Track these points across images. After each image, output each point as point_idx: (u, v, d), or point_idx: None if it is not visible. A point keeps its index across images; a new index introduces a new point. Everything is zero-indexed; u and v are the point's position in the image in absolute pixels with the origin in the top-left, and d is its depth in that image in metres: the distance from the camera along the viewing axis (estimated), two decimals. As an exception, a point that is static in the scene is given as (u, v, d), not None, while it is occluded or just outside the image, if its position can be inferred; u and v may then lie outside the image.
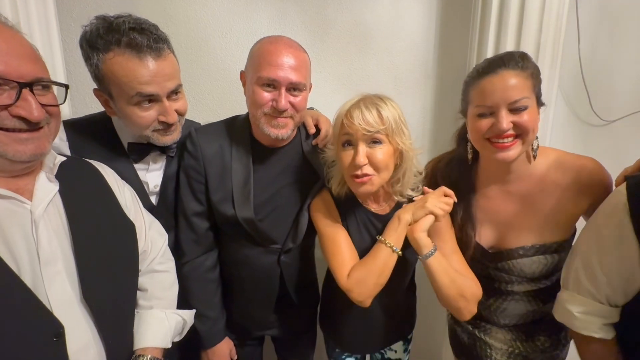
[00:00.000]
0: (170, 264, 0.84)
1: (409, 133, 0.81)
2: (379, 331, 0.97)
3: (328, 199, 0.90)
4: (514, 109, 0.74)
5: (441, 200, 0.80)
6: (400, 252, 0.80)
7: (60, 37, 1.12)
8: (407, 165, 0.82)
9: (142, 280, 0.76)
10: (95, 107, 1.27)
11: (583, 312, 0.70)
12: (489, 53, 1.19)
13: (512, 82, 0.73)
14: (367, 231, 0.87)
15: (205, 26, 1.26)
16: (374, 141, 0.77)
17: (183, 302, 0.89)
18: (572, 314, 0.71)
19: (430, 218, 0.78)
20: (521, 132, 0.75)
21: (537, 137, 0.79)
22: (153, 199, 0.90)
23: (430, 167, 0.98)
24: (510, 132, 0.74)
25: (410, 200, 0.87)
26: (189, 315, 0.81)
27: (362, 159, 0.75)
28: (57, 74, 1.11)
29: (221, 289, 0.99)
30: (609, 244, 0.65)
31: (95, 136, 0.86)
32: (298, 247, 0.95)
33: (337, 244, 0.84)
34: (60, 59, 1.11)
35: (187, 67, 1.24)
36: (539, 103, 0.78)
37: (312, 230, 0.94)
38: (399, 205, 0.87)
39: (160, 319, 0.74)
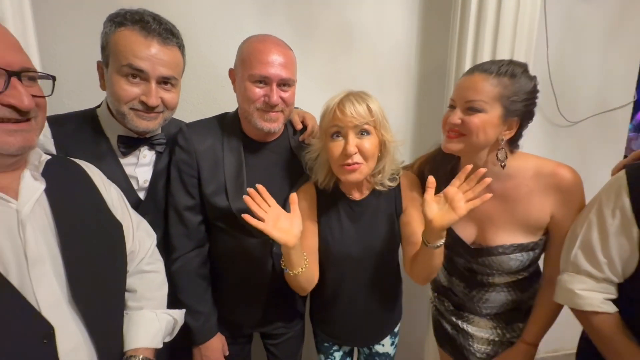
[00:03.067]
0: (159, 264, 0.83)
1: (389, 126, 0.87)
2: (366, 321, 1.00)
3: (311, 192, 0.94)
4: (468, 109, 0.79)
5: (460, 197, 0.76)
6: (291, 272, 0.82)
7: (35, 31, 1.06)
8: (388, 158, 0.89)
9: (131, 281, 0.75)
10: (72, 106, 1.23)
11: (584, 289, 0.73)
12: (468, 56, 1.25)
13: (477, 84, 0.78)
14: (349, 219, 0.92)
15: (190, 24, 1.24)
16: (362, 132, 0.82)
17: (173, 299, 0.88)
18: (574, 293, 0.74)
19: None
20: (465, 132, 0.80)
21: (502, 149, 0.82)
22: (141, 195, 0.89)
23: (417, 165, 1.02)
24: (458, 128, 0.80)
25: (390, 189, 0.92)
26: (179, 314, 0.80)
27: (352, 148, 0.80)
28: (32, 69, 1.06)
29: (211, 286, 0.99)
30: (611, 228, 0.70)
31: (81, 132, 0.84)
32: None
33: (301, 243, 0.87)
34: (36, 54, 1.05)
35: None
36: (506, 116, 0.78)
37: None
38: (375, 190, 0.92)
39: (151, 320, 0.72)
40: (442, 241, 0.78)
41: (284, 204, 0.96)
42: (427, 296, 1.32)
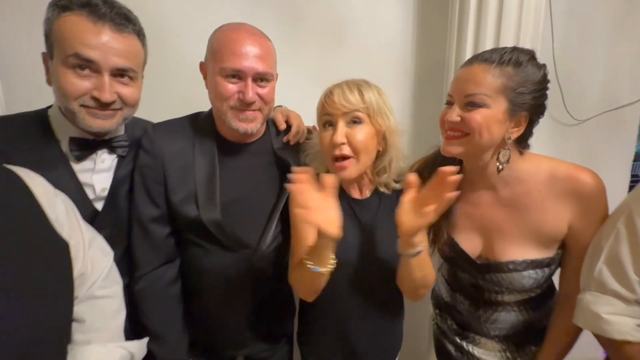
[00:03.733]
0: (115, 287, 0.71)
1: (394, 119, 0.78)
2: (363, 343, 0.89)
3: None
4: (468, 104, 0.69)
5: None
6: (323, 270, 0.71)
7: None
8: (393, 152, 0.80)
9: (80, 309, 0.63)
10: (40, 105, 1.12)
11: (612, 312, 0.63)
12: (468, 51, 1.16)
13: (476, 75, 0.69)
14: (348, 220, 0.83)
15: (166, 17, 1.15)
16: (354, 121, 0.75)
17: (137, 324, 0.79)
18: (599, 317, 0.64)
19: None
20: (467, 130, 0.70)
21: (507, 149, 0.72)
22: (99, 205, 0.78)
23: (415, 169, 0.92)
24: (457, 126, 0.71)
25: (396, 192, 0.83)
26: (138, 347, 0.69)
27: (340, 137, 0.73)
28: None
29: (182, 306, 0.88)
30: None
31: (26, 134, 0.73)
32: (272, 251, 0.87)
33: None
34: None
35: (147, 63, 1.11)
36: (512, 110, 0.69)
37: (288, 231, 0.87)
38: (377, 191, 0.84)
39: (99, 356, 0.61)
40: (418, 249, 0.70)
41: (269, 210, 0.87)
42: (427, 312, 1.21)
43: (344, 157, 0.75)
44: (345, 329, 0.87)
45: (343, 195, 0.84)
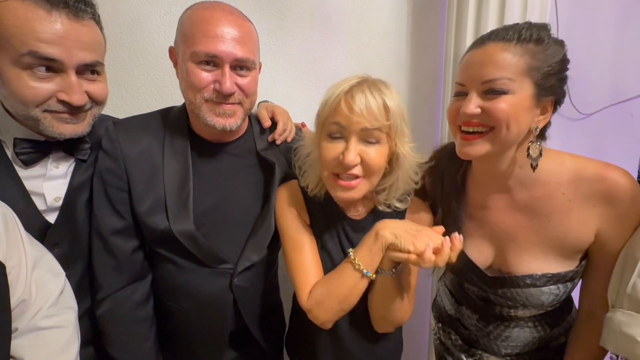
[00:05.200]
0: (67, 315, 0.60)
1: (409, 134, 0.67)
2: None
3: (297, 192, 0.75)
4: (488, 91, 0.59)
5: (437, 241, 0.59)
6: (373, 276, 0.65)
7: None
8: (401, 173, 0.68)
9: (19, 344, 0.53)
10: None
11: None
12: (469, 40, 1.08)
13: (494, 57, 0.58)
14: (339, 239, 0.74)
15: (139, 4, 1.04)
16: (370, 139, 0.63)
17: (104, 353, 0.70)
18: (634, 341, 0.55)
19: (412, 258, 0.59)
20: (492, 124, 0.60)
21: (536, 142, 0.62)
22: (51, 217, 0.67)
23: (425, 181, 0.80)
24: (479, 121, 0.60)
25: (396, 212, 0.71)
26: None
27: (353, 157, 0.61)
28: None
29: (155, 329, 0.78)
30: None
31: None
32: (257, 265, 0.77)
33: (302, 253, 0.71)
34: None
35: (116, 54, 1.02)
36: (539, 95, 0.59)
37: (275, 241, 0.78)
38: (376, 210, 0.73)
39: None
40: (385, 272, 0.65)
41: (252, 219, 0.77)
42: (429, 325, 1.12)
43: (354, 176, 0.64)
44: (339, 339, 0.78)
45: (340, 214, 0.73)
